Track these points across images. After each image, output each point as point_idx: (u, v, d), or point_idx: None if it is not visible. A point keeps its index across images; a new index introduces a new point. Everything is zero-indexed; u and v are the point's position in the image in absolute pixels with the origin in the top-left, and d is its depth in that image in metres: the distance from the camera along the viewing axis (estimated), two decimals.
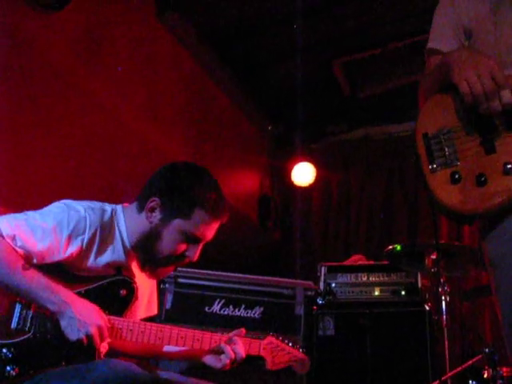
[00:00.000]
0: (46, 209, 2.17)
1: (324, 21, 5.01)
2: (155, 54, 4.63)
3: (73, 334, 1.98)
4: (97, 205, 2.24)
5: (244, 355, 2.23)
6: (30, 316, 2.02)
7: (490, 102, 1.81)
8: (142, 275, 2.31)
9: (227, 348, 2.21)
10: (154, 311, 2.45)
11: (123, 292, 2.15)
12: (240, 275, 3.71)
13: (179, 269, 3.62)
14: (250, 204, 6.17)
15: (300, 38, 4.99)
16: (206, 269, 3.69)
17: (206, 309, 3.58)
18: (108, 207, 2.27)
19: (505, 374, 3.36)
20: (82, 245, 2.12)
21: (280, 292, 3.69)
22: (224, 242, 5.11)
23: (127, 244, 2.25)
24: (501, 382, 3.35)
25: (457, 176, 1.85)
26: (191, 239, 2.21)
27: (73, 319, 1.98)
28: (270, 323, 3.57)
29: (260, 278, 3.72)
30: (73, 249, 2.10)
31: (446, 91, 1.97)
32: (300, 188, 6.14)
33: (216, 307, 3.59)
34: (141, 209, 2.25)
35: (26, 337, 2.00)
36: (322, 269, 4.10)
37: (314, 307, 3.89)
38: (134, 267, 2.30)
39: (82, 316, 1.99)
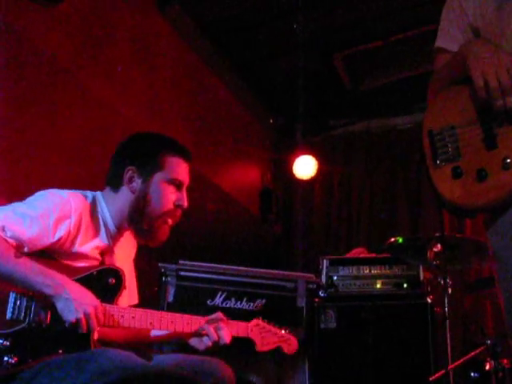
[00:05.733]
0: (30, 198, 2.22)
1: (325, 13, 4.99)
2: (156, 47, 4.62)
3: (71, 315, 2.00)
4: (78, 191, 2.32)
5: (228, 341, 2.31)
6: (24, 306, 2.03)
7: (506, 98, 1.82)
8: (122, 259, 2.38)
9: (211, 330, 2.29)
10: (135, 300, 2.49)
11: (112, 281, 2.20)
12: (242, 268, 3.71)
13: (181, 262, 3.63)
14: (251, 197, 6.17)
15: (301, 30, 4.98)
16: (207, 262, 3.69)
17: (208, 302, 3.58)
18: (89, 193, 2.35)
19: (507, 366, 3.36)
20: (70, 229, 2.17)
21: (282, 285, 3.69)
22: (226, 234, 5.15)
23: (111, 227, 2.33)
24: (502, 373, 3.35)
25: (458, 171, 1.89)
26: (176, 184, 2.35)
27: (69, 300, 2.00)
28: (271, 316, 3.56)
29: (262, 270, 3.72)
30: (61, 233, 2.15)
31: (453, 87, 1.99)
32: (301, 181, 6.13)
33: (218, 300, 3.59)
34: (117, 187, 2.36)
35: (21, 326, 2.01)
36: (324, 262, 4.10)
37: (316, 300, 3.89)
38: (117, 251, 2.36)
39: (78, 297, 2.03)
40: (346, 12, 4.98)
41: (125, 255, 2.43)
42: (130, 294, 2.42)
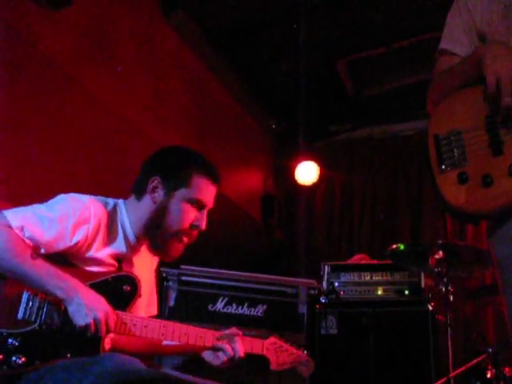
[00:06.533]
0: (51, 201, 2.22)
1: (328, 19, 5.00)
2: (159, 51, 4.63)
3: (81, 319, 2.00)
4: (99, 197, 2.31)
5: (243, 355, 2.26)
6: (36, 307, 2.03)
7: None
8: (142, 269, 2.34)
9: (226, 346, 2.25)
10: (154, 312, 2.47)
11: (127, 288, 2.18)
12: (243, 273, 3.71)
13: (183, 266, 3.63)
14: (253, 202, 6.17)
15: (304, 36, 4.99)
16: (209, 267, 3.69)
17: (210, 307, 3.58)
18: (110, 201, 2.33)
19: (508, 374, 3.35)
20: (88, 234, 2.16)
21: (283, 290, 3.69)
22: (227, 240, 5.14)
23: (130, 236, 2.30)
24: (504, 382, 3.34)
25: (464, 176, 1.88)
26: (197, 205, 2.30)
27: (81, 305, 2.01)
28: (273, 321, 3.57)
29: (263, 276, 3.72)
30: (78, 237, 2.14)
31: (460, 92, 1.99)
32: (303, 187, 6.13)
33: (219, 305, 3.59)
34: (140, 195, 2.32)
35: (31, 327, 2.01)
36: (326, 268, 4.10)
37: (317, 306, 3.88)
38: (136, 261, 2.34)
39: (89, 302, 2.03)
40: (349, 18, 4.99)
41: (145, 265, 2.40)
42: (148, 304, 2.41)
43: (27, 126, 3.41)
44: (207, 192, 2.32)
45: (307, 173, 6.01)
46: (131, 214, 2.31)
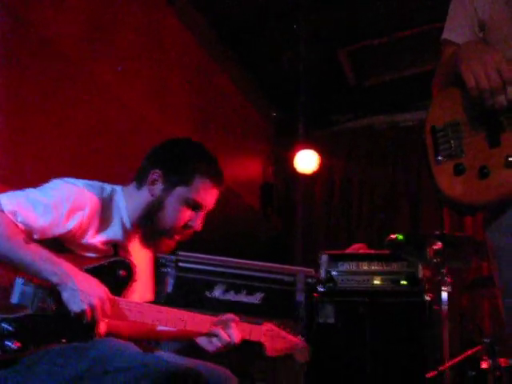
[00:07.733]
0: (45, 185, 2.17)
1: (331, 8, 4.98)
2: (163, 39, 4.62)
3: (76, 306, 1.97)
4: (96, 183, 2.27)
5: (238, 341, 2.25)
6: (31, 292, 2.01)
7: (496, 97, 1.81)
8: (139, 256, 2.32)
9: (221, 332, 2.24)
10: (150, 298, 2.44)
11: (123, 273, 2.16)
12: (241, 261, 3.71)
13: (180, 253, 3.63)
14: (252, 191, 6.18)
15: (306, 25, 4.98)
16: (207, 253, 3.70)
17: (207, 293, 3.58)
18: (107, 186, 2.29)
19: (503, 365, 3.37)
20: (82, 220, 2.12)
21: (281, 278, 3.70)
22: (226, 227, 5.15)
23: (127, 223, 2.27)
24: (499, 372, 3.36)
25: (461, 167, 1.87)
26: (194, 206, 2.25)
27: (75, 291, 1.97)
28: (270, 309, 3.57)
29: (261, 264, 3.72)
30: (73, 224, 2.10)
31: (457, 84, 1.97)
32: (303, 175, 6.12)
33: (217, 292, 3.59)
34: (140, 185, 2.29)
35: (26, 312, 2.00)
36: (323, 257, 4.10)
37: (315, 294, 3.90)
38: (132, 248, 2.31)
39: (84, 288, 1.99)
40: (351, 7, 4.97)
41: (142, 250, 2.36)
42: (145, 290, 2.38)
43: (28, 110, 3.41)
44: (206, 195, 2.27)
45: (307, 161, 6.00)
46: (129, 202, 2.28)
